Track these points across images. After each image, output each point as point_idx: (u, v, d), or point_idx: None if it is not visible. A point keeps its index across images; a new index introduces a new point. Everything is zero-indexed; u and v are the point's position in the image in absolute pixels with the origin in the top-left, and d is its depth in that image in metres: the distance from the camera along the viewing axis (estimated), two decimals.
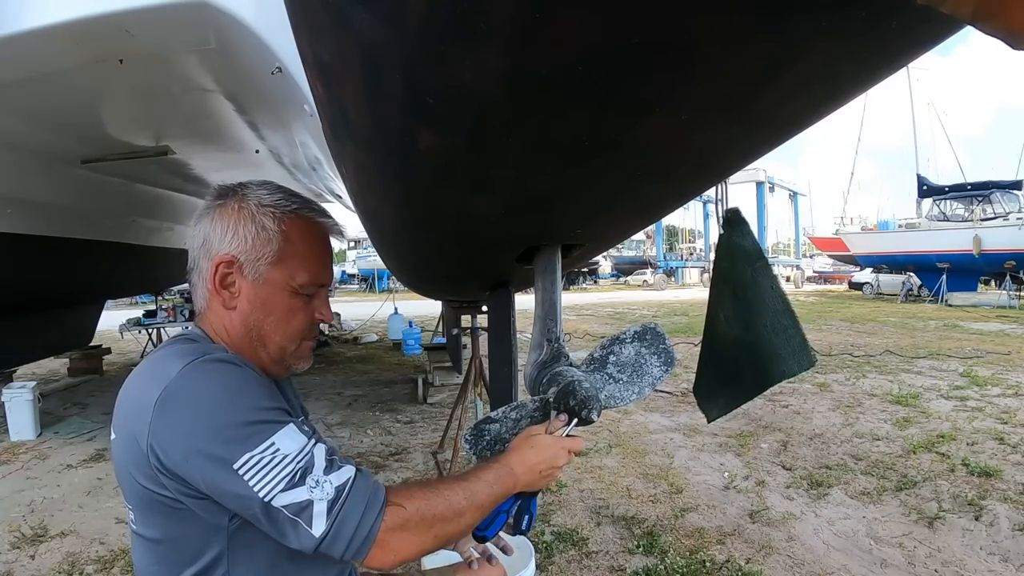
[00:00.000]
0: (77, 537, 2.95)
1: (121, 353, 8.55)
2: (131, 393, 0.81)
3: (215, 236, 0.86)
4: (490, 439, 1.05)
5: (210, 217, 0.87)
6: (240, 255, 0.85)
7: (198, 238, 0.88)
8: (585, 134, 0.54)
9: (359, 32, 0.45)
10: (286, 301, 0.87)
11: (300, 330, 0.90)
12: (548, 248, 1.01)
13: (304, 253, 0.88)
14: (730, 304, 1.13)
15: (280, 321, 0.87)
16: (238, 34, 2.16)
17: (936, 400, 5.26)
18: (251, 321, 0.87)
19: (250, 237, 0.85)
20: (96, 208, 5.17)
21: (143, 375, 0.82)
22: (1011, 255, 14.39)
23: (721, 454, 3.98)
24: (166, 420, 0.74)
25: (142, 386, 0.79)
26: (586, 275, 29.62)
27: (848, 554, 2.63)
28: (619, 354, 1.01)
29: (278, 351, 0.89)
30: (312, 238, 0.89)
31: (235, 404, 0.75)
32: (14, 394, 4.70)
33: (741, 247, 1.09)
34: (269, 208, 0.86)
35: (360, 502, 0.75)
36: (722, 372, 1.21)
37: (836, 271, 29.82)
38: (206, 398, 0.75)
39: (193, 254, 0.89)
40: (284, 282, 0.87)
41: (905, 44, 0.44)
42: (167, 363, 0.78)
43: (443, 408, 5.14)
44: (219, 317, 0.88)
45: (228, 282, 0.86)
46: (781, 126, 0.59)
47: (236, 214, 0.86)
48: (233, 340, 0.87)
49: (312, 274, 0.88)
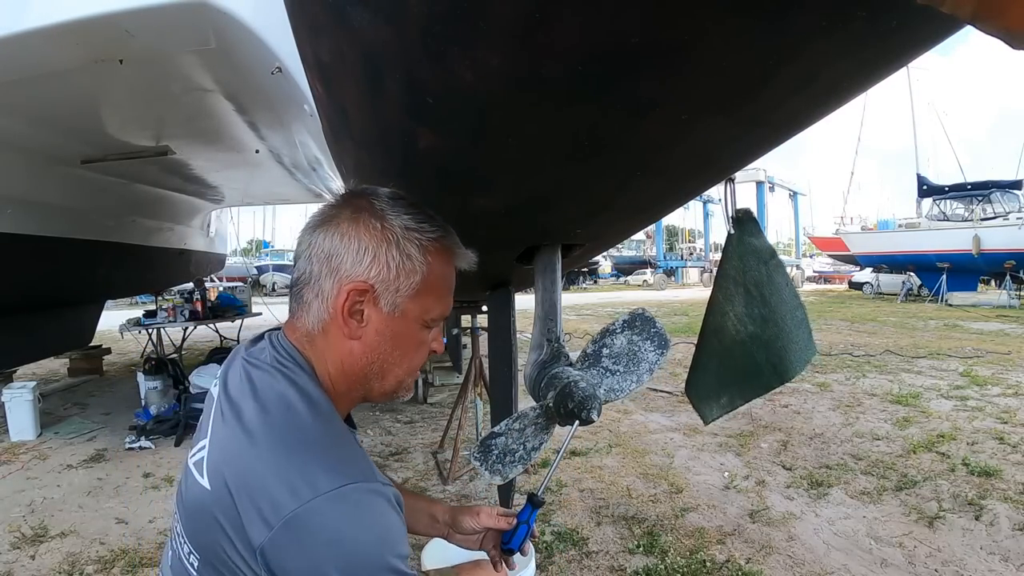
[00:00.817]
0: (77, 537, 2.95)
1: (121, 353, 8.55)
2: (253, 468, 0.68)
3: (348, 255, 0.75)
4: (498, 452, 1.06)
5: (340, 230, 0.75)
6: (378, 284, 0.75)
7: (320, 249, 0.76)
8: (585, 134, 0.54)
9: (359, 32, 0.46)
10: (416, 335, 0.80)
11: (421, 362, 0.84)
12: (548, 248, 1.01)
13: (441, 287, 0.80)
14: (742, 303, 1.14)
15: (406, 355, 0.81)
16: (238, 34, 2.16)
17: (936, 400, 5.26)
18: (376, 354, 0.79)
19: (393, 265, 0.75)
20: (96, 208, 5.17)
21: (274, 456, 0.68)
22: (1011, 255, 14.40)
23: (721, 454, 3.98)
24: (298, 543, 0.65)
25: (275, 473, 0.67)
26: (586, 275, 29.63)
27: (848, 554, 2.63)
28: (611, 346, 1.00)
29: (396, 384, 0.83)
30: (449, 271, 0.82)
31: (387, 548, 0.68)
32: (14, 394, 4.70)
33: (753, 246, 1.10)
34: (415, 233, 0.76)
35: None
36: (729, 370, 1.21)
37: (836, 271, 29.84)
38: (359, 531, 0.67)
39: (310, 266, 0.77)
40: (418, 316, 0.79)
41: (905, 44, 0.44)
42: (309, 467, 0.67)
43: (443, 408, 5.14)
44: (337, 346, 0.78)
45: (356, 311, 0.76)
46: (781, 126, 0.59)
47: (379, 235, 0.74)
48: (347, 372, 0.79)
49: (443, 309, 0.82)
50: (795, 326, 1.12)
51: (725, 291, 1.15)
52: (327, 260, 0.75)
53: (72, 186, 4.54)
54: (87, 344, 6.95)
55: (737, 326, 1.15)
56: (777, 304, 1.11)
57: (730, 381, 1.22)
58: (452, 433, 3.66)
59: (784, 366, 1.14)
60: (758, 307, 1.12)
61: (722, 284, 1.15)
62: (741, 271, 1.11)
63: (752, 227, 1.10)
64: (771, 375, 1.15)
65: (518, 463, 1.09)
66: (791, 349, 1.12)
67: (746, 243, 1.10)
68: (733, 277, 1.13)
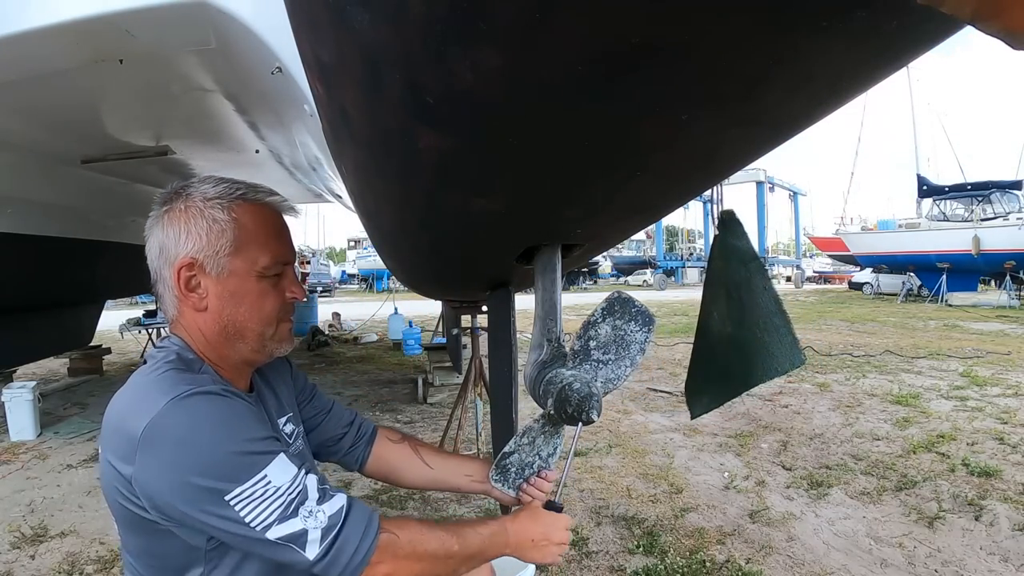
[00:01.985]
0: (77, 537, 2.95)
1: (121, 353, 8.55)
2: (116, 419, 0.79)
3: (169, 241, 0.85)
4: (516, 469, 1.06)
5: (160, 224, 0.86)
6: (198, 254, 0.84)
7: (154, 249, 0.87)
8: (585, 134, 0.54)
9: (359, 32, 0.46)
10: (254, 287, 0.87)
11: (274, 312, 0.89)
12: (548, 248, 1.01)
13: (260, 236, 0.87)
14: (724, 303, 1.15)
15: (253, 309, 0.87)
16: (238, 34, 2.16)
17: (936, 400, 5.26)
18: (225, 317, 0.86)
19: (203, 233, 0.84)
20: (96, 208, 5.17)
21: (129, 401, 0.80)
22: (1011, 255, 14.40)
23: (721, 454, 3.98)
24: (152, 455, 0.73)
25: (127, 414, 0.77)
26: (586, 275, 29.64)
27: (848, 554, 2.63)
28: (596, 337, 0.99)
29: (257, 339, 0.88)
30: (265, 219, 0.88)
31: (224, 438, 0.75)
32: (14, 394, 4.70)
33: (736, 247, 1.11)
34: (215, 200, 0.85)
35: (358, 527, 0.79)
36: (711, 370, 1.22)
37: (836, 271, 29.83)
38: (193, 433, 0.74)
39: (154, 266, 0.88)
40: (247, 269, 0.86)
41: (905, 44, 0.44)
42: (152, 393, 0.77)
43: (443, 408, 5.14)
44: (192, 321, 0.87)
45: (193, 284, 0.85)
46: (781, 126, 0.59)
47: (184, 214, 0.85)
48: (210, 340, 0.87)
49: (273, 254, 0.88)
50: (769, 332, 1.11)
51: (711, 291, 1.17)
52: (160, 254, 0.86)
53: (72, 186, 4.54)
54: (87, 344, 6.95)
55: (718, 326, 1.17)
56: (751, 308, 1.12)
57: (712, 379, 1.23)
58: (452, 433, 3.66)
59: (756, 370, 1.13)
60: (736, 309, 1.13)
61: (709, 284, 1.17)
62: (724, 272, 1.13)
63: (736, 229, 1.12)
64: (743, 377, 1.16)
65: (538, 472, 1.10)
66: (762, 355, 1.12)
67: (729, 244, 1.11)
68: (717, 277, 1.15)
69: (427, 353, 6.44)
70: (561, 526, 0.97)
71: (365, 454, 1.16)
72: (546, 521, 0.96)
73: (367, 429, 1.18)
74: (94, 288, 6.04)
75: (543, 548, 0.95)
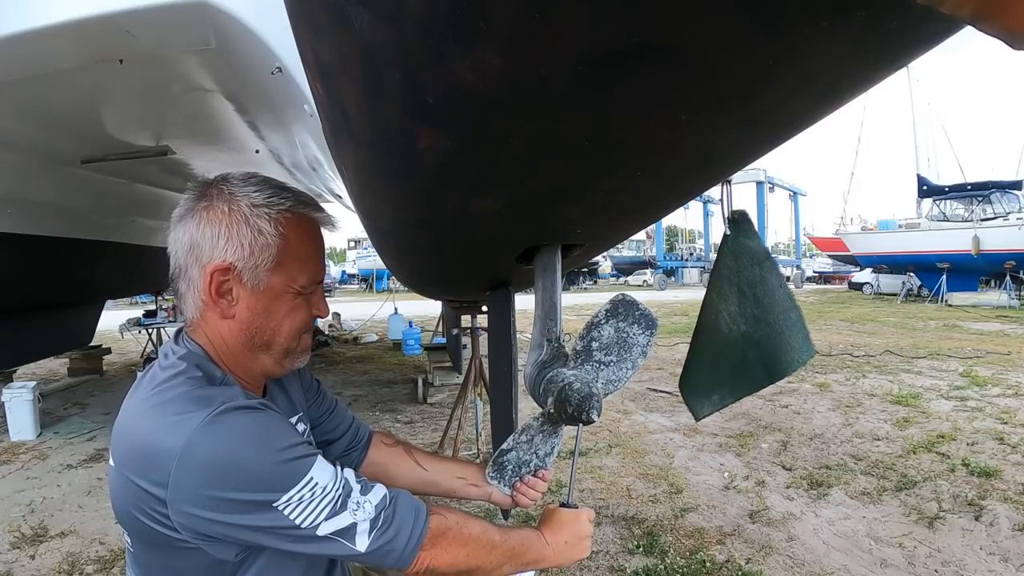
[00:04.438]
0: (77, 537, 2.95)
1: (121, 353, 8.55)
2: (142, 439, 0.74)
3: (206, 241, 0.80)
4: (513, 467, 1.06)
5: (196, 219, 0.81)
6: (237, 262, 0.79)
7: (182, 242, 0.81)
8: (585, 134, 0.54)
9: (359, 32, 0.45)
10: (288, 304, 0.84)
11: (302, 328, 0.87)
12: (548, 248, 1.01)
13: (303, 254, 0.84)
14: (735, 302, 1.16)
15: (283, 323, 0.84)
16: (238, 34, 2.16)
17: (936, 400, 5.26)
18: (253, 328, 0.83)
19: (246, 243, 0.79)
20: (96, 208, 5.17)
21: (155, 421, 0.74)
22: (1011, 255, 14.40)
23: (721, 454, 3.98)
24: (192, 478, 0.70)
25: (156, 434, 0.73)
26: (586, 275, 29.65)
27: (848, 554, 2.63)
28: (599, 338, 0.99)
29: (281, 352, 0.86)
30: (309, 237, 0.85)
31: (265, 451, 0.73)
32: (14, 394, 4.70)
33: (748, 247, 1.13)
34: (263, 208, 0.80)
35: (408, 513, 0.80)
36: (721, 368, 1.23)
37: (836, 271, 29.83)
38: (234, 452, 0.72)
39: (179, 260, 0.82)
40: (285, 286, 0.82)
41: (905, 44, 0.44)
42: (182, 412, 0.73)
43: (443, 408, 5.14)
44: (216, 327, 0.83)
45: (224, 290, 0.81)
46: (781, 126, 0.59)
47: (227, 217, 0.79)
48: (232, 349, 0.84)
49: (312, 274, 0.86)
50: (788, 327, 1.15)
51: (719, 290, 1.16)
52: (190, 250, 0.81)
53: (72, 186, 4.54)
54: (87, 344, 6.95)
55: (730, 324, 1.17)
56: (770, 305, 1.14)
57: (721, 379, 1.23)
58: (452, 433, 3.66)
59: (775, 366, 1.16)
60: (751, 307, 1.14)
61: (716, 283, 1.17)
62: (736, 271, 1.14)
63: (747, 228, 1.13)
64: (762, 374, 1.18)
65: (534, 472, 1.10)
66: (783, 349, 1.15)
67: (741, 244, 1.12)
68: (727, 277, 1.15)
69: (427, 353, 6.44)
70: (583, 520, 0.99)
71: (361, 457, 1.15)
72: (569, 520, 0.98)
73: (364, 433, 1.18)
74: (94, 288, 6.04)
75: (575, 547, 0.97)
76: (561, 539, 0.96)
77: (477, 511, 3.09)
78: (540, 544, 0.93)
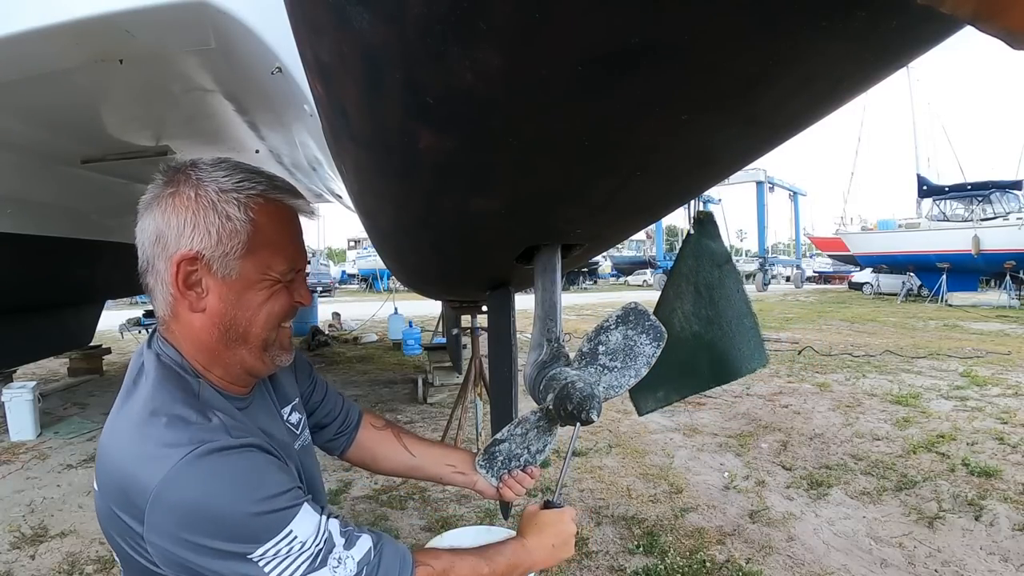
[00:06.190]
0: (77, 537, 2.95)
1: (121, 353, 8.55)
2: (119, 471, 0.70)
3: (171, 231, 0.75)
4: (503, 458, 1.06)
5: (161, 208, 0.75)
6: (205, 251, 0.74)
7: (148, 232, 0.76)
8: (585, 134, 0.54)
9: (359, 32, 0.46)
10: (264, 292, 0.79)
11: (280, 317, 0.82)
12: (548, 248, 1.01)
13: (277, 240, 0.79)
14: (691, 301, 1.17)
15: (258, 313, 0.79)
16: (238, 34, 2.16)
17: (936, 400, 5.27)
18: (227, 320, 0.78)
19: (214, 230, 0.74)
20: (96, 208, 5.17)
21: (132, 452, 0.70)
22: (1011, 255, 14.40)
23: (721, 454, 3.98)
24: (166, 519, 0.67)
25: (132, 468, 0.69)
26: (586, 275, 29.65)
27: (848, 554, 2.63)
28: (607, 343, 1.00)
29: (260, 344, 0.81)
30: (284, 222, 0.80)
31: (243, 500, 0.69)
32: (14, 394, 4.71)
33: (709, 248, 1.15)
34: (232, 193, 0.75)
35: (393, 567, 0.76)
36: (669, 366, 1.22)
37: (836, 271, 29.83)
38: (211, 498, 0.68)
39: (145, 252, 0.77)
40: (258, 273, 0.78)
41: (905, 44, 0.44)
42: (159, 445, 0.68)
43: (443, 408, 5.14)
44: (188, 324, 0.78)
45: (192, 281, 0.76)
46: (781, 126, 0.59)
47: (194, 203, 0.74)
48: (207, 346, 0.79)
49: (289, 260, 0.81)
50: (740, 332, 1.16)
51: (676, 288, 1.19)
52: (156, 241, 0.76)
53: (72, 186, 4.55)
54: (87, 344, 6.95)
55: (683, 323, 1.19)
56: (725, 308, 1.15)
57: (669, 376, 1.24)
58: (452, 433, 3.66)
59: (723, 368, 1.18)
60: (706, 308, 1.16)
61: (675, 281, 1.19)
62: (695, 271, 1.16)
63: (711, 230, 1.15)
64: (709, 375, 1.19)
65: (524, 467, 1.10)
66: (733, 353, 1.16)
67: (703, 244, 1.15)
68: (686, 276, 1.17)
69: (427, 353, 6.44)
70: (567, 519, 0.98)
71: (349, 441, 1.14)
72: (553, 521, 0.96)
73: (354, 415, 1.16)
74: (94, 288, 6.04)
75: (561, 548, 0.96)
76: (548, 542, 0.94)
77: (477, 512, 3.09)
78: (527, 555, 0.92)
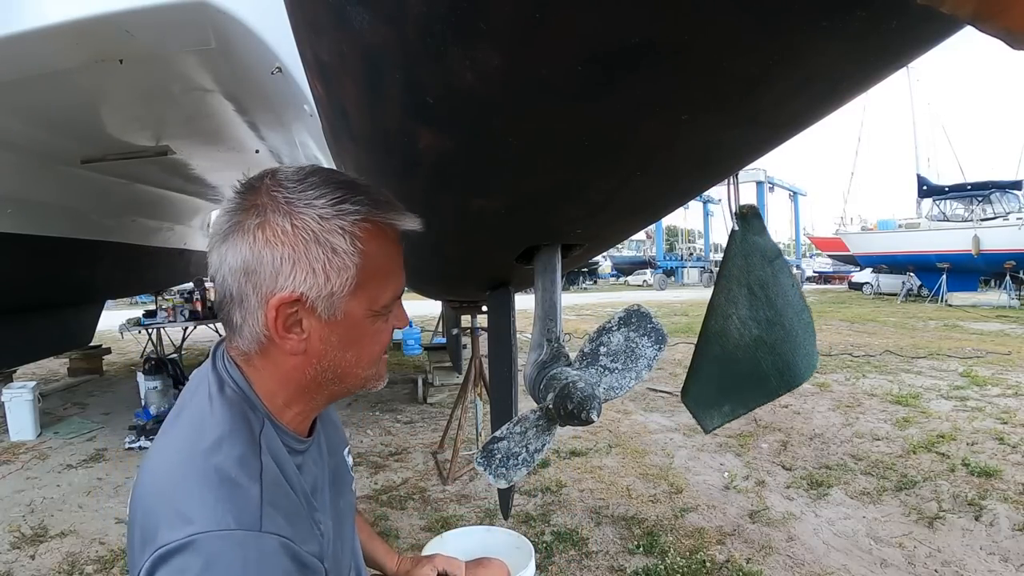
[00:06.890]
0: (77, 537, 2.95)
1: (121, 353, 8.55)
2: (150, 501, 0.64)
3: (264, 268, 0.63)
4: (501, 456, 1.06)
5: (250, 237, 0.64)
6: (309, 292, 0.64)
7: (232, 265, 0.65)
8: (585, 133, 0.54)
9: (359, 32, 0.46)
10: (368, 328, 0.70)
11: (382, 352, 0.75)
12: (548, 248, 1.01)
13: (385, 268, 0.69)
14: (746, 305, 1.09)
15: (362, 352, 0.72)
16: (238, 34, 2.16)
17: (936, 400, 5.26)
18: (325, 363, 0.70)
19: (319, 266, 0.63)
20: (96, 208, 5.18)
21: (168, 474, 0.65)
22: (1011, 255, 14.40)
23: (721, 454, 3.98)
24: None
25: (162, 508, 0.62)
26: (586, 275, 29.64)
27: (848, 554, 2.63)
28: (608, 344, 1.00)
29: (359, 383, 0.74)
30: (391, 245, 0.70)
31: None
32: (14, 394, 4.70)
33: (758, 245, 1.06)
34: (335, 220, 0.63)
35: None
36: (732, 377, 1.15)
37: (836, 271, 29.83)
38: None
39: (227, 286, 0.66)
40: (365, 309, 0.69)
41: (905, 44, 0.44)
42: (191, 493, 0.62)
43: (443, 408, 5.14)
44: (279, 364, 0.70)
45: (292, 323, 0.66)
46: (781, 126, 0.59)
47: (292, 237, 0.63)
48: (299, 384, 0.72)
49: (396, 289, 0.72)
50: (802, 330, 1.07)
51: (728, 292, 1.09)
52: (244, 276, 0.65)
53: (72, 186, 4.55)
54: (87, 344, 6.95)
55: (741, 329, 1.10)
56: (783, 306, 1.07)
57: (733, 388, 1.16)
58: (452, 433, 3.66)
59: (791, 372, 1.08)
60: (763, 309, 1.07)
61: (725, 285, 1.09)
62: (745, 271, 1.07)
63: (757, 224, 1.06)
64: (778, 382, 1.10)
65: (521, 466, 1.10)
66: (798, 354, 1.07)
67: (750, 241, 1.06)
68: (736, 277, 1.08)
69: (427, 353, 6.44)
70: None
71: None
72: None
73: None
74: (94, 288, 6.05)
75: None
76: None
77: (477, 512, 3.09)
78: None
